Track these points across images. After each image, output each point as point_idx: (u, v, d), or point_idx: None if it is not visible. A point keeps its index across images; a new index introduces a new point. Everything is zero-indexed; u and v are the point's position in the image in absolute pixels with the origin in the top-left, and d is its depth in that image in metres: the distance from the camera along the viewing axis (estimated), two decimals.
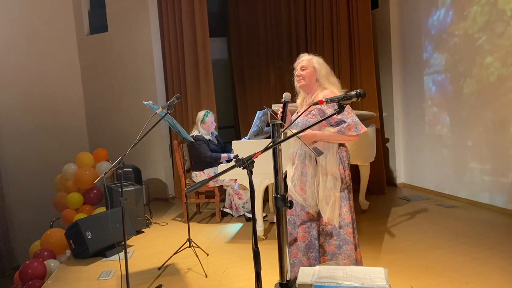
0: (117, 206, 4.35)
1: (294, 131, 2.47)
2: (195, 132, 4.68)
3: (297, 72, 2.55)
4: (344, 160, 2.49)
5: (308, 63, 2.52)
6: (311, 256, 2.54)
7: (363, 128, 2.40)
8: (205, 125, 4.67)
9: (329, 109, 2.41)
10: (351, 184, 2.52)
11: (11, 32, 6.04)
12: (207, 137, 4.68)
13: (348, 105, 2.40)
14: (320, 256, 2.50)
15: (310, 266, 2.53)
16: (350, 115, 2.39)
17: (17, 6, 6.05)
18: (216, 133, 4.92)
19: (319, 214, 2.49)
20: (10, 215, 6.03)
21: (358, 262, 2.51)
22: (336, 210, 2.42)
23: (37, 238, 4.63)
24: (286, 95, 2.43)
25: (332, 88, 2.47)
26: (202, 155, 4.55)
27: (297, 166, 2.56)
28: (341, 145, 2.50)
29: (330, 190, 2.42)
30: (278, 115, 2.46)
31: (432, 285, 2.83)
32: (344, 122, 2.38)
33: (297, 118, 2.54)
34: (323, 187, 2.43)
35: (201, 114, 4.72)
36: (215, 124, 4.82)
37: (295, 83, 2.59)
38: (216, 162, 4.58)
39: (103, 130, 6.28)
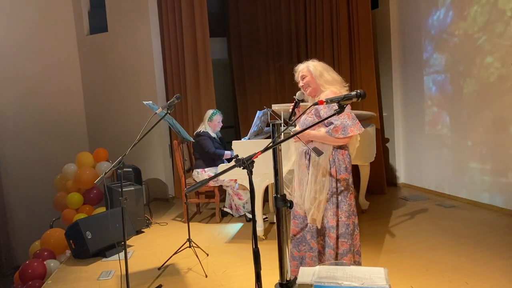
0: (117, 206, 4.35)
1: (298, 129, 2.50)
2: (201, 128, 4.75)
3: (300, 83, 2.55)
4: (339, 163, 2.43)
5: (306, 71, 2.53)
6: (302, 249, 2.57)
7: (352, 132, 2.34)
8: (212, 124, 4.72)
9: (324, 109, 2.40)
10: (348, 188, 2.45)
11: (11, 32, 6.03)
12: (212, 135, 4.70)
13: (347, 107, 2.37)
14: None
15: (302, 258, 2.57)
16: (341, 117, 2.33)
17: (17, 6, 6.04)
18: (219, 134, 4.93)
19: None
20: (10, 215, 6.03)
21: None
22: (320, 212, 2.41)
23: (37, 238, 4.63)
24: (299, 94, 2.47)
25: (332, 88, 2.46)
26: (206, 150, 4.57)
27: (296, 162, 2.58)
28: (339, 147, 2.44)
29: (317, 192, 2.41)
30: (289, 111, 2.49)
31: (432, 285, 2.83)
32: (332, 123, 2.35)
33: (297, 118, 2.55)
34: (311, 188, 2.43)
35: (209, 112, 4.78)
36: (221, 125, 4.84)
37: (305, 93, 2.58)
38: (219, 158, 4.60)
39: (103, 130, 6.28)
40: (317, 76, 2.48)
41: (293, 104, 2.49)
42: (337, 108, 1.72)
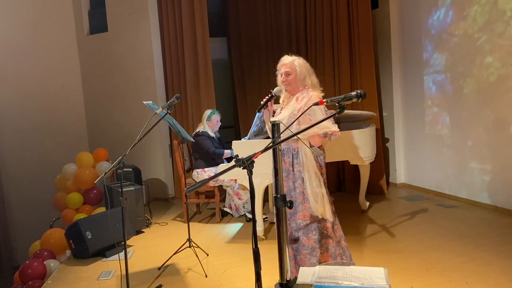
0: (117, 206, 4.35)
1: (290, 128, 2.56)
2: (200, 128, 4.77)
3: (283, 77, 2.66)
4: (320, 158, 2.63)
5: (291, 67, 2.64)
6: (294, 247, 2.61)
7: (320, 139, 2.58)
8: (211, 123, 4.75)
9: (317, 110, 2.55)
10: (325, 181, 2.66)
11: (11, 32, 6.03)
12: (212, 134, 4.72)
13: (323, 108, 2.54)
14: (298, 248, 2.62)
15: (294, 256, 2.64)
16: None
17: (17, 6, 6.05)
18: (218, 134, 4.93)
19: (295, 209, 2.61)
20: (10, 215, 6.03)
21: (342, 253, 2.57)
22: (326, 205, 2.54)
23: (37, 238, 4.63)
24: (277, 90, 2.67)
25: (314, 92, 2.62)
26: (206, 150, 4.59)
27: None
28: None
29: (317, 187, 2.53)
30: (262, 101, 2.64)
31: (432, 285, 2.83)
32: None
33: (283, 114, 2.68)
34: (309, 184, 2.53)
35: (208, 111, 4.81)
36: (220, 124, 4.86)
37: (281, 85, 2.72)
38: (219, 158, 4.61)
39: (103, 130, 6.28)
40: (300, 79, 2.63)
41: (268, 96, 2.67)
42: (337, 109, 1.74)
